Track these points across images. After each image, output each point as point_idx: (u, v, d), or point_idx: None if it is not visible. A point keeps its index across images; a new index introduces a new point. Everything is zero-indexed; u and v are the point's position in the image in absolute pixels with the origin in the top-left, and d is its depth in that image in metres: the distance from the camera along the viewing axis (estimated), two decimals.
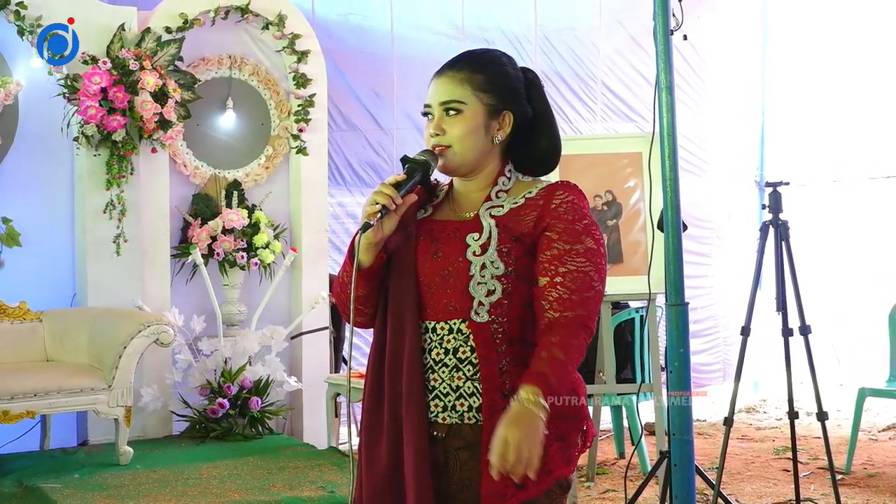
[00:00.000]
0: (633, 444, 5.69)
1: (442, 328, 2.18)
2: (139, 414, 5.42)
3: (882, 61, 7.86)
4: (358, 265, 2.19)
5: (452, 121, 2.21)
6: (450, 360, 2.17)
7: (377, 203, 2.14)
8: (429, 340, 2.19)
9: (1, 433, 5.14)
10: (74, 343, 5.16)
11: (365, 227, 2.14)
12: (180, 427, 5.68)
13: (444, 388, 2.17)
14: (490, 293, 2.14)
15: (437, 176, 2.32)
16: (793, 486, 4.73)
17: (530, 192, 2.23)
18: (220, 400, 5.52)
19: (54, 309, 5.41)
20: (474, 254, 2.15)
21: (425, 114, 2.26)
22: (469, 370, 2.16)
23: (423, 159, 2.22)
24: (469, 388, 2.16)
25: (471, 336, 2.15)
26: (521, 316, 2.17)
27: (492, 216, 2.20)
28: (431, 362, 2.18)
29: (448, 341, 2.17)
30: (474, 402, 2.16)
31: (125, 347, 4.89)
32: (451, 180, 2.33)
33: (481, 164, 2.25)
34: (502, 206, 2.22)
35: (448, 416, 2.17)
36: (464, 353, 2.16)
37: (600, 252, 2.19)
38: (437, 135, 2.21)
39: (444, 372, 2.18)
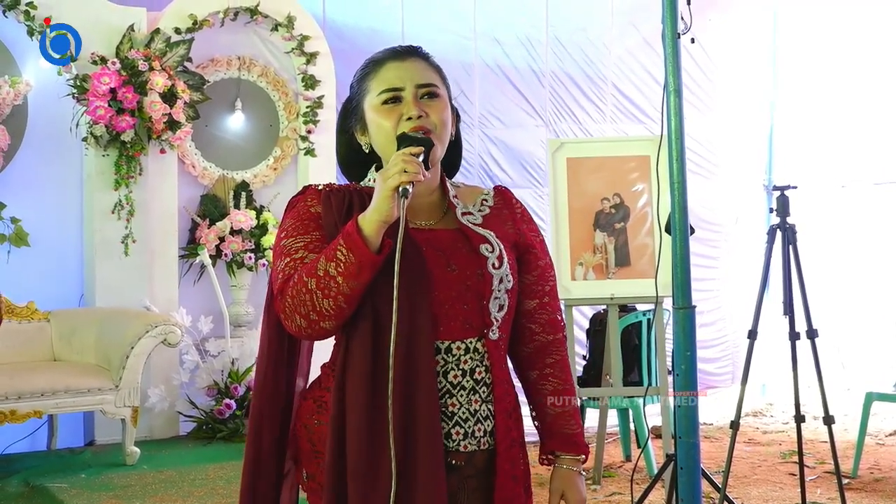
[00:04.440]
0: (639, 447, 5.68)
1: (458, 348, 1.96)
2: (146, 414, 5.43)
3: (891, 67, 7.85)
4: (378, 249, 1.83)
5: (433, 104, 1.96)
6: (467, 382, 1.97)
7: (407, 172, 1.81)
8: (443, 362, 1.95)
9: (8, 432, 5.16)
10: (82, 343, 5.17)
11: (405, 192, 1.80)
12: (187, 427, 5.69)
13: (464, 413, 1.97)
14: (501, 308, 1.99)
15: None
16: (799, 490, 4.71)
17: (485, 198, 2.08)
18: (227, 401, 5.53)
19: (62, 309, 5.43)
20: (494, 266, 1.97)
21: (391, 98, 1.96)
22: (484, 392, 1.99)
23: (427, 137, 1.91)
24: (484, 410, 1.99)
25: (486, 355, 1.98)
26: (511, 330, 2.06)
27: (472, 224, 2.00)
28: (448, 386, 1.96)
29: (465, 362, 1.96)
30: (488, 425, 1.99)
31: (132, 348, 4.90)
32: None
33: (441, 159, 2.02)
34: (472, 213, 2.03)
35: (468, 443, 1.98)
36: (479, 373, 1.98)
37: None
38: (421, 116, 1.93)
39: (461, 396, 1.97)
